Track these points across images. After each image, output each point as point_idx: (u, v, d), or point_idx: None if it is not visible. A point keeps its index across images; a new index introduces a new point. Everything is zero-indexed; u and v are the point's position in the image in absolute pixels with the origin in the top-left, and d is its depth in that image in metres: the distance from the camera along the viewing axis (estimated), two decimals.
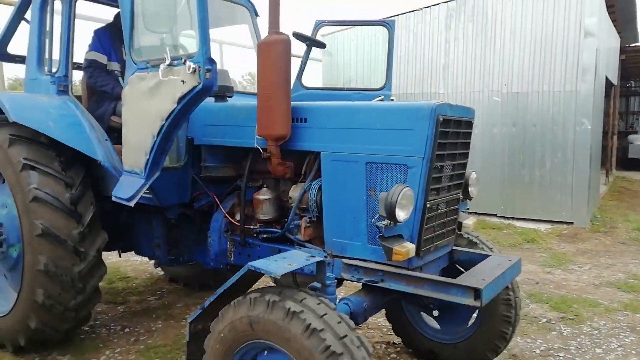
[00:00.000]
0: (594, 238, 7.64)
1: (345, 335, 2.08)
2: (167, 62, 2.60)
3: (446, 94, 9.30)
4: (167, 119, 2.69)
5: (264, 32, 4.43)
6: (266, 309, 2.17)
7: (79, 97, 3.89)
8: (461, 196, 3.03)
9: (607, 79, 10.10)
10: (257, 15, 4.66)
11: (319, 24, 4.30)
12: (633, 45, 14.24)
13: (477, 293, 2.36)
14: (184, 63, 2.52)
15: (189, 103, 2.62)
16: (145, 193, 3.01)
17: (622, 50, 12.91)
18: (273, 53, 2.65)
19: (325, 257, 2.76)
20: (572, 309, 4.69)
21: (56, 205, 3.26)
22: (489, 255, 3.01)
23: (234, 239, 3.28)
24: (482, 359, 3.28)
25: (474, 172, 3.19)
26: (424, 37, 9.53)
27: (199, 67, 2.47)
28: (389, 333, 3.99)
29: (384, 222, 2.38)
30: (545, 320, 4.44)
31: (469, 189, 3.13)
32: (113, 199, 3.09)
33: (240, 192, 3.27)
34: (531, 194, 8.51)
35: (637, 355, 3.81)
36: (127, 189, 2.99)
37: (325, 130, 2.85)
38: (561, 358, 3.75)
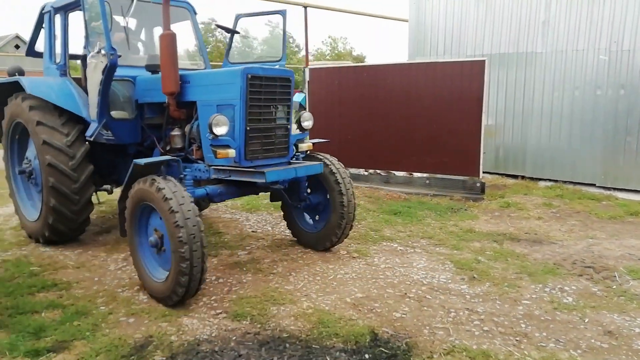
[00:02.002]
0: None
1: (183, 204, 3.68)
2: (96, 50, 4.55)
3: (545, 53, 8.60)
4: (100, 84, 4.61)
5: (201, 26, 6.14)
6: (149, 185, 3.86)
7: (78, 79, 5.47)
8: (298, 129, 5.05)
9: None
10: (195, 13, 6.16)
11: (239, 16, 5.88)
12: None
13: (263, 175, 4.08)
14: (100, 51, 4.48)
15: (107, 74, 4.53)
16: (110, 136, 5.02)
17: None
18: (165, 41, 4.32)
19: (206, 167, 4.48)
20: None
21: (57, 147, 5.04)
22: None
23: None
24: (330, 241, 5.17)
25: (306, 112, 5.14)
26: None
27: (106, 51, 4.38)
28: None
29: (210, 136, 4.11)
30: None
31: (303, 123, 5.08)
32: (87, 137, 5.06)
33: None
34: (637, 163, 7.76)
35: None
36: (91, 131, 5.00)
37: (198, 87, 4.58)
38: None
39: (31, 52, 6.45)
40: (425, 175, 8.32)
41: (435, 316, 3.77)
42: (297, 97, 17.86)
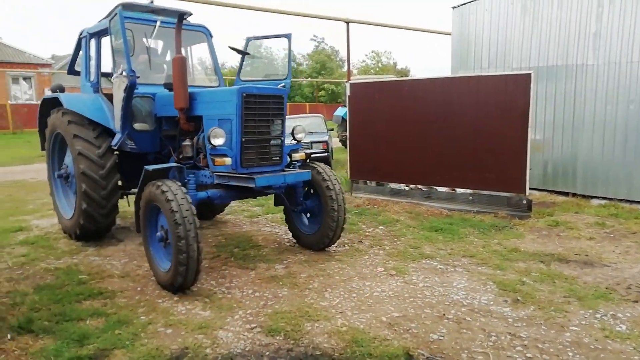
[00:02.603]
0: None
1: (182, 204, 4.27)
2: (119, 72, 5.15)
3: (596, 65, 8.24)
4: (122, 101, 5.22)
5: (217, 48, 6.76)
6: (156, 188, 4.47)
7: (111, 95, 5.74)
8: (293, 140, 5.62)
9: None
10: (211, 36, 6.68)
11: (249, 39, 6.41)
12: None
13: (254, 181, 4.69)
14: (122, 72, 5.06)
15: (127, 93, 5.11)
16: (134, 146, 5.76)
17: None
18: (177, 64, 5.02)
19: (210, 174, 5.07)
20: None
21: (89, 158, 5.72)
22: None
23: None
24: (323, 242, 5.71)
25: (300, 126, 5.72)
26: (570, 1, 8.51)
27: (127, 73, 4.96)
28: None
29: (210, 146, 4.80)
30: None
31: (296, 136, 5.63)
32: (112, 146, 5.76)
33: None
34: None
35: None
36: (115, 140, 5.69)
37: (203, 104, 5.24)
38: None
39: (71, 71, 7.23)
40: (468, 191, 8.10)
41: (475, 340, 3.63)
42: (340, 111, 17.92)
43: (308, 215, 5.95)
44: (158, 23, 5.69)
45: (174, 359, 3.39)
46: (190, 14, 5.54)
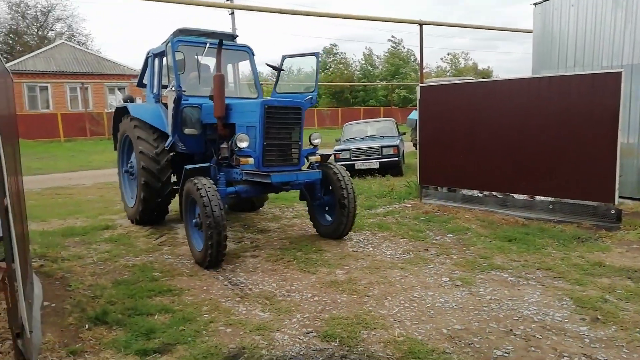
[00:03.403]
0: None
1: (212, 200, 5.22)
2: (170, 87, 6.34)
3: None
4: (173, 110, 6.45)
5: (259, 66, 8.12)
6: (193, 184, 5.47)
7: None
8: (311, 144, 6.46)
9: None
10: (254, 55, 7.78)
11: (284, 57, 7.14)
12: None
13: (269, 177, 5.59)
14: (172, 88, 6.25)
15: (175, 104, 6.37)
16: (183, 147, 6.88)
17: None
18: (216, 80, 6.06)
19: (240, 171, 6.03)
20: None
21: (149, 156, 6.95)
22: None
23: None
24: (337, 232, 6.51)
25: (315, 133, 6.57)
26: None
27: (175, 88, 6.18)
28: None
29: (237, 149, 5.77)
30: None
31: (313, 141, 6.46)
32: (165, 147, 6.96)
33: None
34: None
35: None
36: (167, 142, 6.94)
37: (236, 113, 6.28)
38: None
39: (140, 84, 8.47)
40: (549, 199, 7.54)
41: (544, 359, 3.35)
42: (414, 115, 17.54)
43: (327, 209, 6.70)
44: (207, 44, 6.74)
45: (230, 358, 3.48)
46: (236, 36, 7.26)
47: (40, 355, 3.48)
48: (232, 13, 30.44)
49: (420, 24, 11.75)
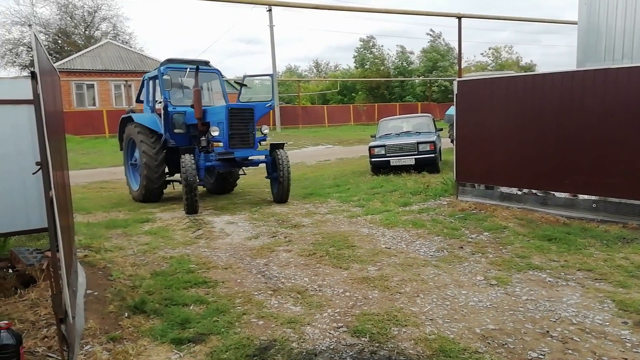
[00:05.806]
0: None
1: (189, 167, 8.38)
2: (159, 100, 9.95)
3: None
4: (163, 115, 9.69)
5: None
6: (182, 159, 8.63)
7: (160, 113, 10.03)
8: (262, 133, 9.71)
9: None
10: (222, 77, 10.83)
11: (245, 76, 10.33)
12: None
13: (233, 154, 8.95)
14: (161, 101, 9.77)
15: (164, 112, 9.65)
16: (174, 143, 9.63)
17: None
18: (195, 94, 8.94)
19: (214, 154, 9.02)
20: None
21: (148, 154, 9.38)
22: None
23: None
24: (277, 198, 9.41)
25: (265, 125, 9.95)
26: None
27: (163, 101, 9.68)
28: None
29: (210, 136, 9.11)
30: None
31: (263, 131, 9.68)
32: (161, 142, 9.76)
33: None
34: None
35: None
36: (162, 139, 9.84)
37: (210, 114, 9.24)
38: None
39: (138, 100, 11.68)
40: (592, 197, 7.24)
41: None
42: (452, 110, 17.18)
43: (276, 182, 9.34)
44: (188, 69, 9.72)
45: (261, 349, 3.54)
46: (208, 62, 10.32)
47: (82, 340, 3.66)
48: (270, 10, 30.74)
49: (459, 17, 11.52)
